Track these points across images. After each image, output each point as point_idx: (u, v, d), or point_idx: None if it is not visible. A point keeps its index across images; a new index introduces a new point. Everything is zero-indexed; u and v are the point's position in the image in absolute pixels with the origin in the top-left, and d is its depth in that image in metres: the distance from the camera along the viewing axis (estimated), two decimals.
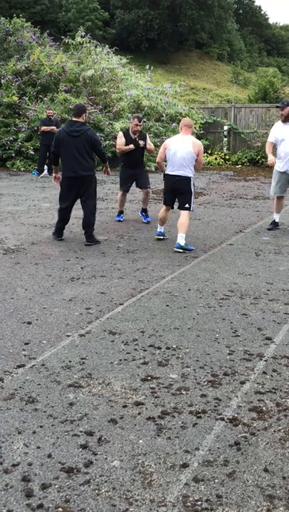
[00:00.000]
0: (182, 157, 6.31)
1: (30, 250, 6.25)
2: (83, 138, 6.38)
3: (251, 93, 31.04)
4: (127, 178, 8.06)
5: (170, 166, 6.44)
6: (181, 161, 6.32)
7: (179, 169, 6.35)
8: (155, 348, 3.57)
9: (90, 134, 6.43)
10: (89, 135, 6.40)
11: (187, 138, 6.42)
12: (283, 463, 2.37)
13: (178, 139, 6.48)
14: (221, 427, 2.64)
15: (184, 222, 6.37)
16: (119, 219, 8.23)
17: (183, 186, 6.41)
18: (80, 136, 6.38)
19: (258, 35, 66.15)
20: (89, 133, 6.41)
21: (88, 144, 6.41)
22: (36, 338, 3.71)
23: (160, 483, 2.22)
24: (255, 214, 9.01)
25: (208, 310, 4.33)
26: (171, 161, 6.41)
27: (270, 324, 4.05)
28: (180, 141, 6.39)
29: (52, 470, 2.30)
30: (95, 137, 6.48)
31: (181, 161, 6.32)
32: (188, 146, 6.32)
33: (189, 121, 6.61)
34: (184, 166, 6.33)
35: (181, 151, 6.31)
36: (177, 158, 6.33)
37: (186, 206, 6.45)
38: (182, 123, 6.60)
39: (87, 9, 46.19)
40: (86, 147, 6.41)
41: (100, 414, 2.74)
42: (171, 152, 6.39)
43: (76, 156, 6.39)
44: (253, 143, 17.59)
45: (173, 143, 6.44)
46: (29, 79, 16.24)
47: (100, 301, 4.51)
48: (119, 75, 17.71)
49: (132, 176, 8.02)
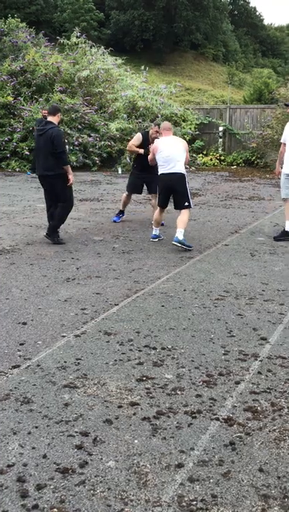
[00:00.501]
0: (176, 154, 6.46)
1: (26, 251, 6.24)
2: (46, 136, 6.31)
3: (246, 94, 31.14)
4: (135, 180, 7.93)
5: (164, 166, 6.50)
6: (176, 158, 6.45)
7: (174, 167, 6.45)
8: (150, 349, 3.57)
9: (52, 132, 6.28)
10: (50, 133, 6.27)
11: (175, 138, 6.75)
12: (278, 463, 2.38)
13: (167, 141, 6.63)
14: (216, 427, 2.64)
15: (185, 219, 6.49)
16: (116, 219, 8.14)
17: (179, 183, 6.50)
18: (44, 134, 6.35)
19: (253, 36, 66.31)
20: (51, 131, 6.29)
21: (50, 142, 6.29)
22: (31, 339, 3.70)
23: (155, 483, 2.23)
24: (251, 215, 9.03)
25: (203, 310, 4.34)
26: (165, 161, 6.48)
27: (265, 324, 4.06)
28: (170, 143, 6.58)
29: (47, 470, 2.30)
30: (55, 135, 6.27)
31: (175, 158, 6.45)
32: (179, 145, 6.57)
33: (168, 125, 6.89)
34: (178, 162, 6.47)
35: (174, 151, 6.47)
36: (172, 157, 6.44)
37: (186, 204, 6.54)
38: (162, 127, 6.83)
39: (82, 10, 46.20)
40: (48, 146, 6.31)
41: (95, 414, 2.74)
42: (164, 154, 6.48)
43: (40, 155, 6.48)
44: (248, 144, 17.63)
45: (162, 144, 6.56)
46: (24, 79, 16.23)
47: (95, 302, 4.51)
48: (115, 75, 17.73)
49: (141, 180, 7.84)
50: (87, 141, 15.30)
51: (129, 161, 15.55)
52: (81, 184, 12.66)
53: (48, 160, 6.38)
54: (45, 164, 6.42)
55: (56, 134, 6.31)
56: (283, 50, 66.64)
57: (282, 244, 6.78)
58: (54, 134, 6.29)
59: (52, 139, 6.26)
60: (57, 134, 6.31)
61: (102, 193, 11.26)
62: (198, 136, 17.88)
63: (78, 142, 15.11)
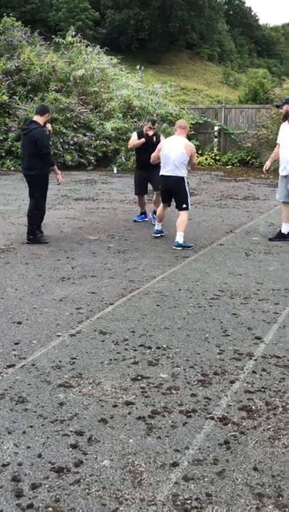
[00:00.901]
0: (175, 158, 6.45)
1: (21, 250, 6.23)
2: (30, 136, 6.33)
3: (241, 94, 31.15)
4: (140, 181, 8.01)
5: (164, 167, 6.58)
6: (174, 162, 6.46)
7: (172, 170, 6.49)
8: (145, 348, 3.57)
9: (35, 132, 6.29)
10: (33, 133, 6.28)
11: (180, 140, 6.57)
12: (272, 461, 2.39)
13: (171, 140, 6.65)
14: (210, 426, 2.65)
15: (183, 221, 6.54)
16: (137, 219, 8.19)
17: (176, 186, 6.57)
18: (28, 134, 6.37)
19: (249, 36, 66.39)
20: (34, 131, 6.29)
21: (33, 143, 6.29)
22: (26, 338, 3.70)
23: (150, 482, 2.23)
24: (246, 214, 9.05)
25: (198, 310, 4.35)
26: (165, 162, 6.55)
27: (259, 324, 4.07)
28: (173, 143, 6.55)
29: (42, 470, 2.30)
30: (38, 135, 6.26)
31: (173, 162, 6.45)
32: (180, 147, 6.46)
33: (183, 123, 6.81)
34: (176, 167, 6.47)
35: (173, 152, 6.46)
36: (170, 159, 6.47)
37: (184, 206, 6.60)
38: (176, 124, 6.79)
39: (77, 9, 46.11)
40: (32, 146, 6.32)
41: (90, 413, 2.74)
42: (164, 153, 6.54)
43: (24, 154, 6.56)
44: (244, 143, 17.65)
45: (167, 144, 6.59)
46: (19, 78, 16.18)
47: (90, 301, 4.50)
48: (110, 74, 17.71)
49: (145, 178, 7.92)
50: (83, 140, 15.28)
51: (125, 161, 15.56)
52: (76, 183, 12.65)
53: (31, 159, 6.40)
54: (29, 163, 6.47)
55: (39, 135, 6.28)
56: (278, 50, 66.75)
57: (277, 244, 6.80)
58: (37, 135, 6.27)
59: (35, 140, 6.26)
60: (40, 135, 6.29)
61: (97, 193, 11.24)
62: (193, 136, 17.87)
63: (73, 141, 15.08)
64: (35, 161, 6.39)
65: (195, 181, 13.64)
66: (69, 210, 9.00)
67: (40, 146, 6.26)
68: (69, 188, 11.75)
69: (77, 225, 7.76)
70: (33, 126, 6.38)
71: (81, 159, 15.38)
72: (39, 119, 6.49)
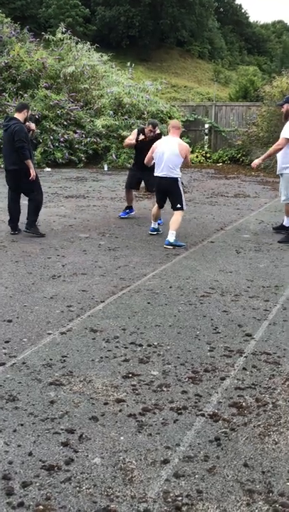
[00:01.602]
0: (168, 159, 6.45)
1: (11, 248, 6.20)
2: (9, 132, 6.52)
3: (232, 91, 31.20)
4: (133, 178, 8.05)
5: (158, 168, 6.59)
6: (167, 163, 6.46)
7: (165, 171, 6.51)
8: (136, 346, 3.58)
9: (13, 127, 6.49)
10: (12, 129, 6.49)
11: (174, 140, 6.56)
12: (263, 458, 2.40)
13: (165, 141, 6.65)
14: (201, 423, 2.66)
15: (176, 220, 6.54)
16: (123, 215, 8.21)
17: (170, 187, 6.59)
18: (7, 130, 6.58)
19: (239, 33, 66.45)
20: (13, 127, 6.50)
21: (12, 138, 6.48)
22: (17, 336, 3.69)
23: (141, 479, 2.23)
24: (236, 212, 9.07)
25: (189, 307, 4.36)
26: (159, 163, 6.56)
27: (250, 321, 4.09)
28: (167, 143, 6.54)
29: (33, 468, 2.29)
30: (15, 130, 6.44)
31: (167, 162, 6.46)
32: (174, 148, 6.45)
33: (177, 123, 6.88)
34: (170, 168, 6.48)
35: (167, 153, 6.45)
36: (164, 160, 6.47)
37: (178, 206, 6.62)
38: (170, 124, 6.83)
39: (67, 5, 45.88)
40: (11, 141, 6.51)
41: (81, 411, 2.74)
42: (158, 154, 6.53)
43: (6, 151, 6.69)
44: (234, 141, 17.69)
45: (160, 145, 6.58)
46: (9, 75, 16.07)
47: (81, 299, 4.50)
48: (100, 71, 17.64)
49: (138, 176, 7.94)
50: (73, 137, 15.23)
51: (115, 158, 15.52)
52: (67, 181, 12.61)
53: (12, 155, 6.58)
54: (10, 159, 6.63)
55: (17, 129, 6.47)
56: (269, 48, 66.87)
57: (267, 242, 6.82)
58: (16, 129, 6.47)
59: (13, 134, 6.45)
60: (18, 129, 6.47)
61: (88, 190, 11.22)
62: (184, 134, 17.86)
63: (64, 139, 15.03)
64: (17, 156, 6.54)
65: (186, 179, 13.64)
66: (59, 208, 8.97)
67: (17, 139, 6.43)
68: (59, 185, 11.71)
69: (67, 223, 7.74)
70: (12, 122, 6.60)
71: (71, 157, 15.33)
72: (18, 115, 6.68)
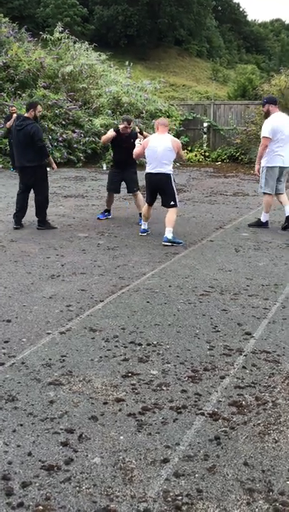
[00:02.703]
0: (162, 155, 6.43)
1: (10, 248, 6.19)
2: (26, 132, 6.80)
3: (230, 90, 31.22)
4: (113, 178, 7.89)
5: (150, 164, 6.53)
6: (161, 159, 6.44)
7: (159, 167, 6.46)
8: (136, 345, 3.57)
9: (30, 128, 6.80)
10: (28, 129, 6.79)
11: (165, 136, 6.56)
12: (262, 456, 2.40)
13: (156, 137, 6.58)
14: (201, 422, 2.65)
15: (172, 218, 6.54)
16: (101, 217, 8.05)
17: (164, 183, 6.55)
18: (22, 129, 6.84)
19: (237, 32, 66.47)
20: (29, 127, 6.80)
21: (28, 137, 6.79)
22: (16, 336, 3.68)
23: (141, 478, 2.23)
24: (235, 210, 9.07)
25: (188, 306, 4.35)
26: (152, 159, 6.50)
27: (249, 319, 4.08)
28: (159, 140, 6.50)
29: (32, 468, 2.29)
30: (33, 131, 6.78)
31: (160, 158, 6.43)
32: (167, 143, 6.45)
33: (165, 121, 6.86)
34: (163, 164, 6.46)
35: (160, 148, 6.43)
36: (157, 155, 6.44)
37: (172, 203, 6.60)
38: (158, 123, 6.76)
39: (65, 5, 45.86)
40: (27, 140, 6.82)
41: (81, 411, 2.74)
42: (150, 150, 6.48)
43: (19, 148, 6.96)
44: (233, 140, 17.68)
45: (152, 141, 6.53)
46: (7, 75, 16.07)
47: (80, 298, 4.49)
48: (99, 71, 17.64)
49: (119, 176, 7.81)
50: (72, 137, 15.22)
51: None
52: (66, 180, 12.60)
53: (29, 153, 6.88)
54: (26, 157, 6.92)
55: (34, 129, 6.83)
56: (267, 47, 66.88)
57: (266, 240, 6.82)
58: (32, 129, 6.80)
59: (31, 133, 6.77)
60: (35, 129, 6.83)
61: (86, 190, 11.21)
62: (182, 132, 17.90)
63: (62, 138, 15.02)
64: (32, 154, 6.90)
65: (184, 178, 13.64)
66: (58, 208, 8.96)
67: (37, 139, 6.81)
68: (58, 185, 11.70)
69: (66, 222, 7.73)
70: (26, 122, 6.86)
71: (70, 156, 15.32)
72: (29, 114, 7.00)
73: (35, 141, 6.79)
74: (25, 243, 6.42)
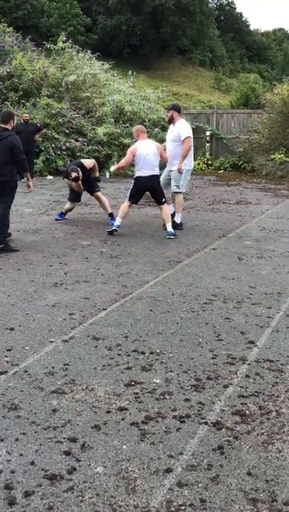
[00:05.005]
0: (152, 159, 7.21)
1: (13, 256, 6.20)
2: (4, 143, 6.34)
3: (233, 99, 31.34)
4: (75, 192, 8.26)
5: (143, 169, 7.24)
6: (151, 162, 7.21)
7: (151, 169, 7.22)
8: (139, 353, 3.56)
9: (11, 139, 6.34)
10: (9, 140, 6.33)
11: (149, 142, 7.47)
12: (266, 466, 2.38)
13: (143, 144, 7.32)
14: (204, 431, 2.64)
15: (168, 213, 7.47)
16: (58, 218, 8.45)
17: (155, 184, 7.36)
18: (2, 141, 6.36)
19: (240, 41, 66.84)
20: (9, 139, 6.34)
21: (9, 149, 6.32)
22: (19, 345, 3.68)
23: (144, 488, 2.22)
24: (238, 219, 9.07)
25: (191, 314, 4.35)
26: (143, 164, 7.22)
27: (252, 328, 4.07)
28: (146, 147, 7.27)
29: (35, 477, 2.28)
30: (14, 143, 6.32)
31: (151, 162, 7.20)
32: (153, 148, 7.29)
33: (143, 128, 7.76)
34: (154, 166, 7.25)
35: (150, 154, 7.21)
36: (149, 160, 7.18)
37: (164, 200, 7.42)
38: (139, 130, 7.56)
39: (69, 15, 46.24)
40: (6, 153, 6.33)
41: (84, 420, 2.73)
42: (142, 156, 7.19)
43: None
44: (235, 148, 17.73)
45: (140, 148, 7.25)
46: (11, 84, 16.17)
47: (83, 307, 4.49)
48: (102, 80, 17.74)
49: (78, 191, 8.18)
50: (75, 145, 15.28)
51: None
52: (68, 189, 12.60)
53: (5, 166, 6.35)
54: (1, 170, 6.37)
55: (15, 140, 6.34)
56: (269, 56, 67.20)
57: (269, 248, 6.82)
58: (13, 141, 6.31)
59: (11, 145, 6.28)
60: (15, 141, 6.34)
61: (89, 198, 11.18)
62: None
63: (66, 147, 15.08)
64: (7, 168, 6.38)
65: (187, 186, 13.64)
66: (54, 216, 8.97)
67: (17, 152, 6.31)
68: (61, 193, 11.73)
69: (69, 231, 7.74)
70: (6, 133, 6.38)
71: None
72: (8, 126, 6.48)
73: (15, 152, 6.30)
74: (28, 251, 6.43)
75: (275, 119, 16.50)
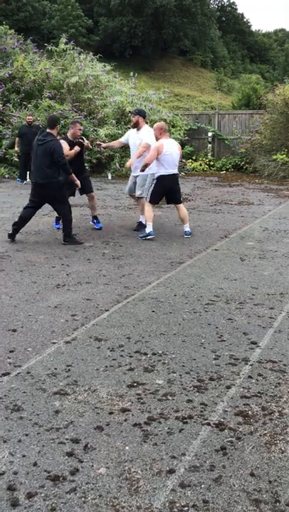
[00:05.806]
0: (176, 158, 7.26)
1: (15, 257, 6.21)
2: (45, 147, 6.62)
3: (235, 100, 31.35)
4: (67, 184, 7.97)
5: (166, 167, 7.17)
6: (175, 161, 7.25)
7: (174, 168, 7.26)
8: (141, 354, 3.56)
9: (51, 144, 6.62)
10: (50, 145, 6.61)
11: (172, 141, 7.42)
12: (269, 467, 2.38)
13: (168, 143, 7.23)
14: (207, 432, 2.64)
15: (186, 212, 7.57)
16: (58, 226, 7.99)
17: (176, 182, 7.40)
18: (43, 145, 6.66)
19: (241, 42, 66.88)
20: (50, 143, 6.62)
21: (48, 154, 6.61)
22: (21, 346, 3.68)
23: (147, 489, 2.22)
24: (240, 219, 9.07)
25: (193, 315, 4.34)
26: (168, 162, 7.16)
27: (255, 329, 4.07)
28: (171, 146, 7.23)
29: (38, 478, 2.28)
30: (54, 147, 6.61)
31: (175, 161, 7.24)
32: (177, 148, 7.31)
33: (166, 126, 7.62)
34: (175, 165, 7.30)
35: (175, 153, 7.21)
36: (173, 158, 7.18)
37: (181, 200, 7.55)
38: (162, 129, 7.31)
39: (70, 16, 46.31)
40: (47, 157, 6.62)
41: (86, 421, 2.73)
42: (167, 154, 7.12)
43: (37, 164, 6.72)
44: (237, 149, 17.72)
45: (167, 146, 7.15)
46: (13, 86, 16.21)
47: (85, 308, 4.49)
48: (104, 81, 17.75)
49: None
50: None
51: (119, 167, 15.57)
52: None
53: (46, 169, 6.67)
54: (41, 173, 6.69)
55: (55, 145, 6.66)
56: (271, 56, 67.21)
57: (272, 249, 6.81)
58: (53, 145, 6.63)
59: (51, 150, 6.59)
60: (55, 146, 6.66)
61: None
62: (187, 142, 17.95)
63: None
64: (48, 171, 6.67)
65: (189, 187, 13.67)
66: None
67: (57, 157, 6.62)
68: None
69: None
70: (49, 138, 6.69)
71: None
72: (52, 131, 6.80)
73: (54, 156, 6.59)
74: (30, 253, 6.44)
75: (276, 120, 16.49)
